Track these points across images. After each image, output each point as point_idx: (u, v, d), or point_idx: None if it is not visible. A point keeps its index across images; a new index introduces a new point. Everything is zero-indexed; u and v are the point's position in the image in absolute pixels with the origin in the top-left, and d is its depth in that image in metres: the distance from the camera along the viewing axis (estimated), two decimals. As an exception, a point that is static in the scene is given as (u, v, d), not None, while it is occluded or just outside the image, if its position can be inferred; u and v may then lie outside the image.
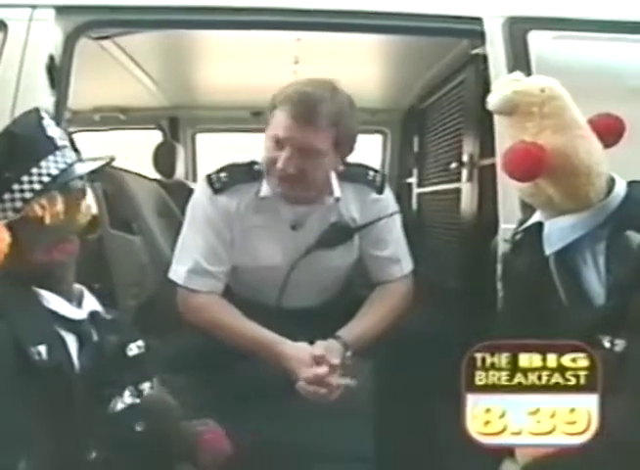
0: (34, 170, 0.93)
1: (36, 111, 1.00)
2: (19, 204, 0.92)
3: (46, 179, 0.93)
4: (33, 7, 1.46)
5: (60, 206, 0.95)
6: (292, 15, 1.54)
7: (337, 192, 1.45)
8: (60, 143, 0.98)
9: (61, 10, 1.47)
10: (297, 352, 1.33)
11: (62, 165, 0.96)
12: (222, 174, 1.45)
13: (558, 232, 1.12)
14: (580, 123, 1.10)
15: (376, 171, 1.52)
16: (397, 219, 1.54)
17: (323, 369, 1.29)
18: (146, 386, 0.99)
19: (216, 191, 1.43)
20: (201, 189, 1.46)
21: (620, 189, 1.11)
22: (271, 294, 1.48)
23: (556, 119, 1.08)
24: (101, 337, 0.98)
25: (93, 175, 1.05)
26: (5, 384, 0.85)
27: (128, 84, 2.40)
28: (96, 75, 1.97)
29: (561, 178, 1.08)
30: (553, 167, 1.06)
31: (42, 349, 0.88)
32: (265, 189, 1.42)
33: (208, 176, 1.46)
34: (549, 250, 1.14)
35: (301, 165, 1.33)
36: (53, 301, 0.96)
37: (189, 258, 1.42)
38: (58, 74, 1.45)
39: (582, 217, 1.10)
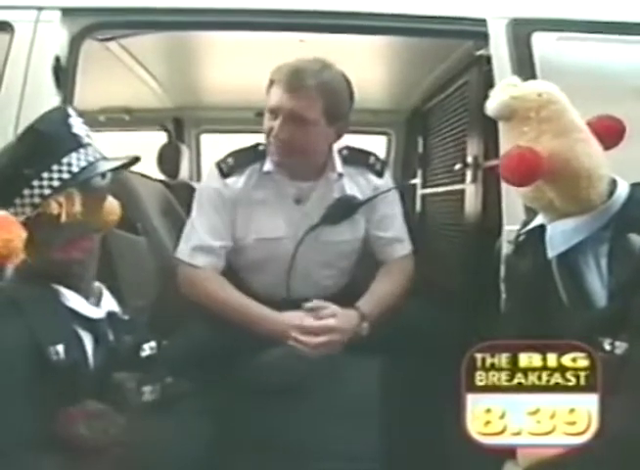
0: (55, 167, 0.93)
1: (63, 108, 1.01)
2: (37, 200, 0.93)
3: (66, 176, 0.94)
4: (39, 9, 1.47)
5: (78, 204, 0.95)
6: (295, 16, 1.55)
7: (339, 168, 1.52)
8: (85, 141, 0.98)
9: (67, 12, 1.48)
10: (291, 316, 1.40)
11: (83, 163, 0.96)
12: (229, 159, 1.52)
13: (560, 235, 1.12)
14: (579, 126, 1.09)
15: (376, 156, 1.60)
16: (397, 201, 1.61)
17: (321, 338, 1.36)
18: (147, 389, 1.00)
19: (224, 175, 1.50)
20: (209, 175, 1.55)
21: (622, 191, 1.11)
22: (278, 281, 1.52)
23: (554, 124, 1.08)
24: (116, 337, 0.99)
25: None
26: (23, 381, 0.86)
27: (133, 85, 2.41)
28: (101, 76, 1.99)
29: (561, 182, 1.08)
30: (553, 172, 1.06)
31: (60, 348, 0.90)
32: (269, 164, 1.49)
33: (217, 162, 1.53)
34: (552, 253, 1.14)
35: (293, 133, 1.41)
36: (72, 299, 0.97)
37: (194, 237, 1.49)
38: (63, 76, 1.46)
39: (584, 220, 1.10)
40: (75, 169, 0.95)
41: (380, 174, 1.58)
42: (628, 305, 1.03)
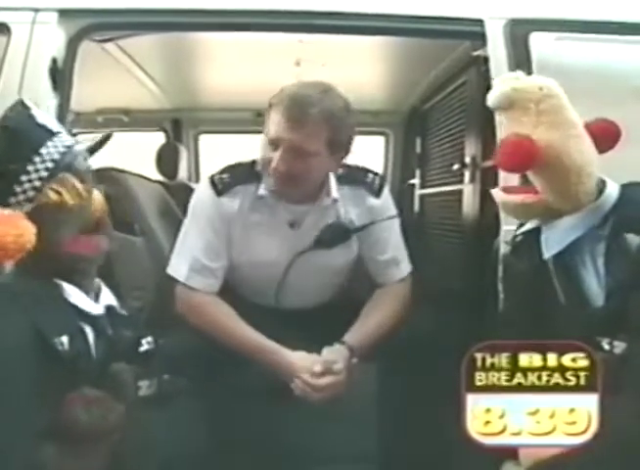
0: (37, 159, 0.94)
1: (21, 103, 1.01)
2: (31, 193, 0.94)
3: (50, 165, 0.95)
4: (36, 10, 1.47)
5: (76, 185, 0.96)
6: (294, 17, 1.54)
7: (334, 193, 1.47)
8: (55, 129, 0.99)
9: (64, 13, 1.47)
10: (300, 358, 1.35)
11: (62, 149, 0.97)
12: (224, 175, 1.47)
13: (555, 235, 1.14)
14: (575, 123, 1.11)
15: (375, 174, 1.53)
16: (396, 222, 1.55)
17: (328, 379, 1.32)
18: (144, 383, 1.00)
19: (219, 193, 1.45)
20: (203, 190, 1.48)
21: (612, 191, 1.12)
22: (269, 293, 1.49)
23: (551, 117, 1.10)
24: (115, 331, 1.00)
25: (96, 177, 1.06)
26: (31, 372, 0.86)
27: (131, 86, 2.40)
28: (99, 78, 1.98)
29: (552, 175, 1.10)
30: (545, 163, 1.08)
31: (65, 339, 0.91)
32: (264, 188, 1.45)
33: (211, 178, 1.48)
34: (547, 253, 1.15)
35: (293, 165, 1.35)
36: (74, 294, 0.98)
37: (189, 257, 1.44)
38: (61, 77, 1.46)
39: (576, 218, 1.11)
40: (56, 156, 0.96)
41: (377, 194, 1.51)
42: (626, 304, 1.04)
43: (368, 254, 1.52)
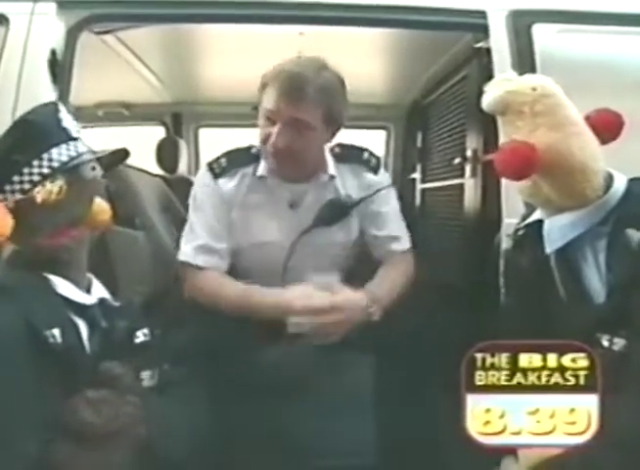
0: (45, 156, 0.97)
1: (54, 103, 1.04)
2: (26, 186, 0.95)
3: (55, 164, 0.97)
4: (35, 0, 1.46)
5: (66, 192, 0.98)
6: (295, 8, 1.54)
7: (331, 169, 1.50)
8: (74, 135, 1.01)
9: (62, 4, 1.47)
10: (298, 289, 1.36)
11: (72, 153, 0.99)
12: (222, 160, 1.51)
13: (558, 230, 1.12)
14: (574, 120, 1.09)
15: (371, 153, 1.56)
16: (394, 198, 1.58)
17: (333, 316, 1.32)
18: (146, 374, 1.00)
19: (216, 176, 1.48)
20: (201, 175, 1.52)
21: (620, 185, 1.10)
22: (274, 274, 1.50)
23: (549, 117, 1.07)
24: (109, 323, 1.00)
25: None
26: (21, 365, 0.86)
27: (131, 79, 2.39)
28: (98, 70, 1.97)
29: (556, 176, 1.08)
30: (548, 166, 1.06)
31: (56, 332, 0.91)
32: (262, 168, 1.47)
33: (209, 163, 1.51)
34: (550, 248, 1.13)
35: (292, 140, 1.38)
36: (62, 286, 0.98)
37: (194, 238, 1.47)
38: (60, 69, 1.45)
39: (581, 215, 1.09)
40: (65, 159, 0.98)
41: (375, 171, 1.54)
42: (627, 301, 1.03)
43: (368, 230, 1.54)
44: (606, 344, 1.03)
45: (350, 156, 1.53)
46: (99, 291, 1.05)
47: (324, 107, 1.38)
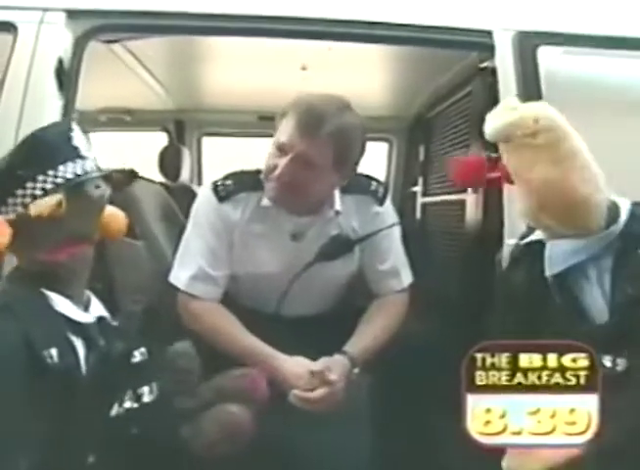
0: (50, 172, 0.97)
1: (68, 122, 1.05)
2: (28, 200, 0.95)
3: (60, 181, 0.97)
4: (44, 10, 1.46)
5: (66, 208, 0.97)
6: (300, 24, 1.54)
7: (337, 205, 1.46)
8: (83, 154, 1.01)
9: (71, 14, 1.47)
10: (295, 367, 1.34)
11: (78, 171, 0.99)
12: (228, 182, 1.46)
13: (560, 255, 1.12)
14: (576, 153, 1.08)
15: (379, 182, 1.53)
16: (397, 231, 1.54)
17: (320, 392, 1.30)
18: (145, 390, 1.00)
19: (221, 199, 1.44)
20: (205, 196, 1.47)
21: (623, 215, 1.10)
22: (270, 303, 1.48)
23: (551, 151, 1.06)
24: (107, 343, 0.99)
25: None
26: (18, 384, 0.86)
27: (136, 87, 2.40)
28: (104, 78, 1.98)
29: (558, 210, 1.07)
30: (547, 200, 1.06)
31: (54, 352, 0.90)
32: (266, 198, 1.43)
33: (214, 183, 1.46)
34: (550, 271, 1.13)
35: (298, 175, 1.34)
36: (61, 303, 0.97)
37: (191, 264, 1.43)
38: (67, 78, 1.45)
39: (584, 243, 1.09)
40: (70, 176, 0.98)
41: (381, 202, 1.49)
42: (631, 321, 1.03)
43: (369, 263, 1.51)
44: (609, 364, 1.03)
45: (357, 186, 1.48)
46: (97, 309, 1.04)
47: (337, 148, 1.34)
